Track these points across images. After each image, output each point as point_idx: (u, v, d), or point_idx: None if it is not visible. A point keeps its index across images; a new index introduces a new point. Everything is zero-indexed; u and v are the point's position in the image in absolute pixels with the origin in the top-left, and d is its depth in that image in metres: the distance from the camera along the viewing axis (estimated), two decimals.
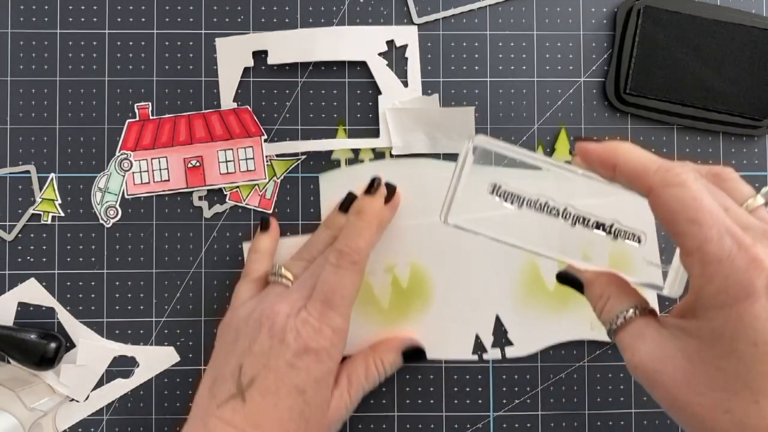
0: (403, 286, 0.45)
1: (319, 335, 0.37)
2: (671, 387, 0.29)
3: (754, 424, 0.27)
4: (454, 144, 0.45)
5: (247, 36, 0.45)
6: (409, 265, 0.45)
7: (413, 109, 0.45)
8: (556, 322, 0.45)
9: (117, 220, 0.45)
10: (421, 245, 0.45)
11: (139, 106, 0.45)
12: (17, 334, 0.43)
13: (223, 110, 0.45)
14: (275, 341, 0.37)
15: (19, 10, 0.45)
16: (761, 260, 0.27)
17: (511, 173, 0.39)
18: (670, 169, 0.30)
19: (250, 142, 0.45)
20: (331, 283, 0.38)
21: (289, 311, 0.38)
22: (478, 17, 0.46)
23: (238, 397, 0.37)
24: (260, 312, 0.39)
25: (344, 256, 0.39)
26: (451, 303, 0.45)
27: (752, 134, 0.45)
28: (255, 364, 0.37)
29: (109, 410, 0.45)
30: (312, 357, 0.37)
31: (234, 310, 0.41)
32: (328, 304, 0.38)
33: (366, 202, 0.41)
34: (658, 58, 0.44)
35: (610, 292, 0.34)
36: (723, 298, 0.27)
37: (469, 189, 0.34)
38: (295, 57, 0.45)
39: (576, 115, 0.46)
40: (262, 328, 0.38)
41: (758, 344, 0.27)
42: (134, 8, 0.45)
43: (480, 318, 0.45)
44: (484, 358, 0.45)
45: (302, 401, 0.37)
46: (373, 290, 0.45)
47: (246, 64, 0.45)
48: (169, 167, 0.45)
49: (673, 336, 0.30)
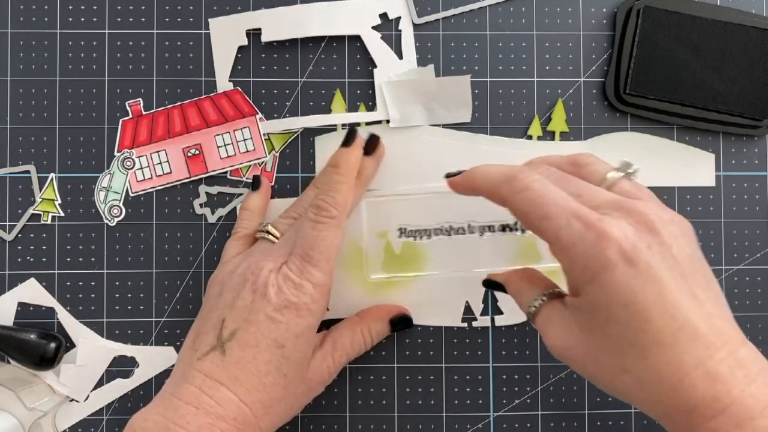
0: (395, 252, 0.45)
1: (299, 290, 0.38)
2: (580, 361, 0.33)
3: (649, 377, 0.30)
4: (451, 114, 0.45)
5: (240, 15, 0.45)
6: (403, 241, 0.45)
7: (409, 81, 0.45)
8: None
9: (121, 219, 0.45)
10: (415, 212, 0.45)
11: (131, 103, 0.45)
12: (17, 334, 0.43)
13: (214, 95, 0.45)
14: (257, 295, 0.38)
15: (19, 10, 0.45)
16: (607, 232, 0.30)
17: (412, 212, 0.44)
18: (514, 177, 0.34)
19: (246, 123, 0.45)
20: (309, 238, 0.39)
21: (273, 267, 0.38)
22: (478, 17, 0.46)
23: (218, 350, 0.37)
24: (245, 267, 0.39)
25: (321, 211, 0.39)
26: (443, 270, 0.45)
27: (752, 134, 0.45)
28: (236, 318, 0.37)
29: (109, 410, 0.45)
30: (292, 312, 0.37)
31: (221, 266, 0.41)
32: (308, 259, 0.38)
33: (342, 153, 0.41)
34: (658, 58, 0.44)
35: (522, 286, 0.38)
36: (588, 274, 0.31)
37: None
38: (288, 34, 0.45)
39: (576, 115, 0.46)
40: (246, 283, 0.38)
41: (627, 305, 0.30)
42: (134, 8, 0.45)
43: (471, 286, 0.45)
44: (473, 326, 0.45)
45: (281, 355, 0.37)
46: (366, 255, 0.45)
47: (240, 43, 0.45)
48: (169, 159, 0.45)
49: (572, 314, 0.33)
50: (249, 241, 0.43)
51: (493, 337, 0.45)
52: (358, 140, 0.42)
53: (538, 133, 0.45)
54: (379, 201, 0.45)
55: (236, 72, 0.45)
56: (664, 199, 0.45)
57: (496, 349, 0.45)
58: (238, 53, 0.45)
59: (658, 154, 0.45)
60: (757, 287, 0.46)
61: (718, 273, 0.46)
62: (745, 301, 0.46)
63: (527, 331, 0.45)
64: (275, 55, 0.45)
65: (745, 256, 0.46)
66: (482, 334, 0.45)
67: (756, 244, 0.46)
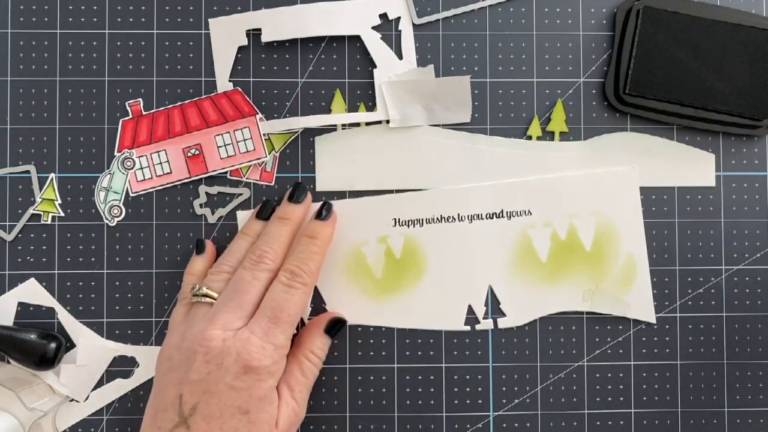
0: (396, 256, 0.45)
1: (261, 353, 0.38)
2: None
3: None
4: (451, 114, 0.45)
5: (240, 15, 0.45)
6: (403, 236, 0.45)
7: (409, 81, 0.45)
8: (549, 294, 0.45)
9: (121, 219, 0.45)
10: (409, 207, 0.45)
11: (131, 103, 0.45)
12: (17, 334, 0.43)
13: (214, 95, 0.45)
14: (212, 366, 0.37)
15: (19, 10, 0.45)
16: None
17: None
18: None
19: (246, 123, 0.45)
20: (280, 301, 0.39)
21: (224, 335, 0.38)
22: (478, 17, 0.46)
23: (182, 426, 0.37)
24: (191, 339, 0.38)
25: (296, 277, 0.40)
26: (445, 274, 0.45)
27: (752, 134, 0.45)
28: (195, 392, 0.37)
29: (109, 410, 0.45)
30: (253, 376, 0.37)
31: (168, 336, 0.41)
32: (275, 322, 0.38)
33: (319, 226, 0.43)
34: (658, 59, 0.44)
35: None
36: None
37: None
38: (288, 34, 0.45)
39: (575, 115, 0.46)
40: (197, 356, 0.38)
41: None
42: (134, 8, 0.45)
43: (473, 289, 0.45)
44: (476, 329, 0.45)
45: (247, 420, 0.37)
46: (367, 260, 0.45)
47: (240, 43, 0.45)
48: (169, 159, 0.45)
49: None
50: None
51: (492, 338, 0.45)
52: (334, 215, 0.44)
53: (538, 133, 0.45)
54: (376, 201, 0.45)
55: (236, 72, 0.45)
56: (664, 199, 0.46)
57: (495, 349, 0.45)
58: (238, 53, 0.45)
59: (658, 154, 0.45)
60: (757, 287, 0.46)
61: (718, 273, 0.46)
62: (745, 301, 0.46)
63: (527, 331, 0.45)
64: (275, 55, 0.45)
65: (745, 256, 0.46)
66: (482, 334, 0.45)
67: (756, 244, 0.46)
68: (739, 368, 0.46)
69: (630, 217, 0.45)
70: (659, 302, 0.45)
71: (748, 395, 0.46)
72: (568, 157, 0.45)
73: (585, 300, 0.45)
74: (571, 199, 0.45)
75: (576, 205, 0.45)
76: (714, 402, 0.45)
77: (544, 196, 0.45)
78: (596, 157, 0.45)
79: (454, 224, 0.45)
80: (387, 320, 0.45)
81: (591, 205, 0.45)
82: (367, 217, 0.45)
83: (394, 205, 0.45)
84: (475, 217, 0.45)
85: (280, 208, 0.43)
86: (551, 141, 0.46)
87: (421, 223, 0.45)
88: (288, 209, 0.43)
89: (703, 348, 0.46)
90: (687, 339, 0.46)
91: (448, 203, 0.45)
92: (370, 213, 0.45)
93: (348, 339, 0.45)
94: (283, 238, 0.42)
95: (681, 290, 0.46)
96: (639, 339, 0.45)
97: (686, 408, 0.45)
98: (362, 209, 0.45)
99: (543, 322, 0.45)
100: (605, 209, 0.45)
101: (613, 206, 0.45)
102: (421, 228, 0.45)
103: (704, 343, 0.46)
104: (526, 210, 0.45)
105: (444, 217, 0.45)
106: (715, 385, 0.45)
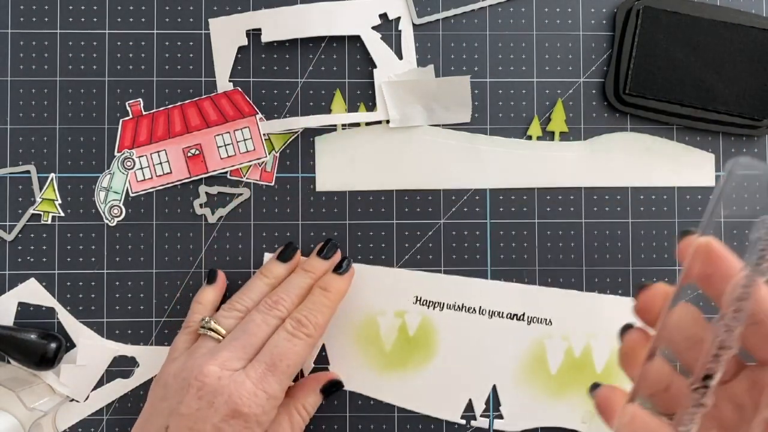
0: (409, 333, 0.45)
1: (252, 399, 0.37)
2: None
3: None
4: (451, 114, 0.45)
5: (240, 15, 0.45)
6: (421, 315, 0.45)
7: (409, 81, 0.45)
8: (550, 407, 0.45)
9: (121, 219, 0.45)
10: (431, 288, 0.45)
11: (131, 103, 0.45)
12: (17, 334, 0.43)
13: (214, 95, 0.45)
14: (203, 403, 0.36)
15: (19, 10, 0.45)
16: None
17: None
18: None
19: (246, 123, 0.45)
20: (282, 348, 0.38)
21: (220, 373, 0.37)
22: (478, 17, 0.46)
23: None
24: (189, 371, 0.38)
25: (302, 327, 0.39)
26: (453, 362, 0.45)
27: (752, 134, 0.45)
28: (181, 427, 0.36)
29: (109, 410, 0.45)
30: (240, 422, 0.37)
31: (167, 363, 0.40)
32: (272, 369, 0.38)
33: (335, 280, 0.42)
34: (658, 59, 0.44)
35: None
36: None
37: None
38: (288, 34, 0.45)
39: (575, 115, 0.46)
40: (190, 389, 0.37)
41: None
42: (134, 8, 0.45)
43: (477, 385, 0.45)
44: (472, 424, 0.45)
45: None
46: (380, 331, 0.45)
47: (240, 43, 0.45)
48: (169, 159, 0.45)
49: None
50: (197, 337, 0.41)
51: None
52: (352, 270, 0.43)
53: (538, 133, 0.45)
54: (401, 274, 0.45)
55: (236, 72, 0.45)
56: (664, 199, 0.46)
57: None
58: (238, 53, 0.45)
59: (658, 154, 0.45)
60: None
61: None
62: None
63: None
64: (275, 55, 0.45)
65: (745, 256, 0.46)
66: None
67: None
68: None
69: None
70: None
71: None
72: (568, 158, 0.45)
73: (584, 421, 0.44)
74: (594, 319, 0.45)
75: (597, 325, 0.45)
76: None
77: (567, 309, 0.45)
78: (596, 157, 0.45)
79: (474, 316, 0.45)
80: (385, 395, 0.45)
81: (612, 329, 0.44)
82: (390, 288, 0.45)
83: (418, 282, 0.45)
84: (495, 314, 0.45)
85: (308, 261, 0.43)
86: (551, 141, 0.46)
87: (441, 306, 0.45)
88: (315, 263, 0.43)
89: None
90: None
91: (473, 293, 0.45)
92: (393, 284, 0.45)
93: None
94: (302, 290, 0.41)
95: None
96: None
97: None
98: (386, 279, 0.45)
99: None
100: None
101: None
102: (441, 311, 0.45)
103: None
104: (547, 319, 0.45)
105: (465, 307, 0.45)
106: None
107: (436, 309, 0.45)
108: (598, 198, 0.46)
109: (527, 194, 0.46)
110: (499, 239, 0.45)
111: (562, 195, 0.46)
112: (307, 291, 0.42)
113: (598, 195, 0.46)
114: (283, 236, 0.45)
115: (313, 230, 0.45)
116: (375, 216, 0.45)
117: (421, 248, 0.45)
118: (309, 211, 0.45)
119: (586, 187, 0.46)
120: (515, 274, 0.45)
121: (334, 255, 0.43)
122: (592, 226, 0.46)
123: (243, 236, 0.45)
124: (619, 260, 0.46)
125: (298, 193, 0.45)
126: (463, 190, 0.45)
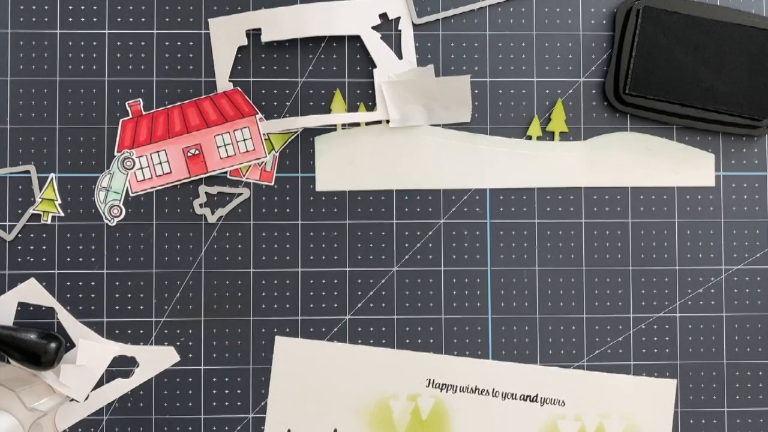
0: (422, 417, 0.44)
1: None
2: None
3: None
4: (451, 114, 0.45)
5: (240, 15, 0.45)
6: (434, 398, 0.44)
7: (409, 81, 0.45)
8: None
9: (121, 219, 0.45)
10: (445, 371, 0.44)
11: (131, 103, 0.45)
12: (17, 334, 0.43)
13: (214, 95, 0.45)
14: None
15: (19, 10, 0.45)
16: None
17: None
18: None
19: (246, 123, 0.45)
20: None
21: None
22: (478, 17, 0.46)
23: None
24: None
25: None
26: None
27: (752, 134, 0.45)
28: None
29: (109, 410, 0.45)
30: None
31: None
32: None
33: None
34: (658, 58, 0.44)
35: None
36: None
37: None
38: (288, 34, 0.45)
39: (575, 115, 0.46)
40: None
41: None
42: (134, 8, 0.45)
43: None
44: None
45: None
46: (393, 415, 0.44)
47: (240, 43, 0.45)
48: (169, 159, 0.45)
49: None
50: None
51: None
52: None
53: (538, 133, 0.45)
54: (415, 357, 0.44)
55: (236, 72, 0.45)
56: (664, 199, 0.46)
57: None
58: (238, 53, 0.45)
59: (658, 154, 0.45)
60: (757, 287, 0.46)
61: (718, 273, 0.46)
62: (745, 301, 0.46)
63: (527, 331, 0.45)
64: (275, 55, 0.45)
65: (745, 256, 0.46)
66: None
67: (756, 244, 0.46)
68: (739, 368, 0.46)
69: (659, 429, 0.44)
70: (659, 302, 0.45)
71: (748, 395, 0.46)
72: (568, 157, 0.45)
73: None
74: (606, 398, 0.45)
75: (610, 405, 0.44)
76: (714, 402, 0.45)
77: (580, 389, 0.44)
78: (596, 157, 0.45)
79: (487, 398, 0.44)
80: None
81: (624, 408, 0.44)
82: (403, 371, 0.44)
83: (431, 366, 0.44)
84: (508, 396, 0.44)
85: None
86: (551, 141, 0.46)
87: (454, 389, 0.44)
88: None
89: (703, 348, 0.46)
90: (687, 339, 0.46)
91: (486, 376, 0.44)
92: (406, 367, 0.44)
93: None
94: None
95: (681, 290, 0.46)
96: (639, 339, 0.45)
97: (686, 408, 0.45)
98: (400, 362, 0.44)
99: (543, 321, 0.45)
100: (637, 415, 0.44)
101: (645, 415, 0.44)
102: (453, 394, 0.44)
103: (704, 343, 0.46)
104: (560, 400, 0.44)
105: (478, 389, 0.44)
106: (715, 385, 0.45)
107: (449, 392, 0.44)
108: (598, 198, 0.46)
109: (527, 194, 0.46)
110: (499, 239, 0.45)
111: (562, 195, 0.46)
112: None
113: (598, 195, 0.46)
114: (282, 236, 0.45)
115: (312, 230, 0.45)
116: (375, 216, 0.45)
117: (421, 248, 0.45)
118: (309, 211, 0.45)
119: (586, 187, 0.46)
120: (515, 274, 0.45)
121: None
122: (592, 226, 0.46)
123: (243, 236, 0.45)
124: (619, 260, 0.46)
125: (298, 193, 0.45)
126: (463, 190, 0.45)
